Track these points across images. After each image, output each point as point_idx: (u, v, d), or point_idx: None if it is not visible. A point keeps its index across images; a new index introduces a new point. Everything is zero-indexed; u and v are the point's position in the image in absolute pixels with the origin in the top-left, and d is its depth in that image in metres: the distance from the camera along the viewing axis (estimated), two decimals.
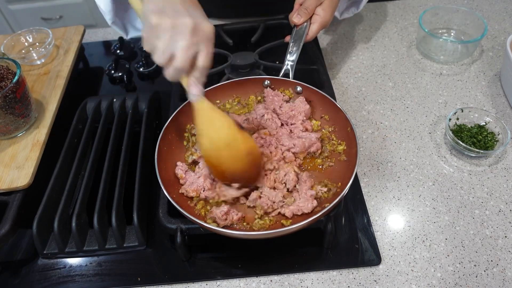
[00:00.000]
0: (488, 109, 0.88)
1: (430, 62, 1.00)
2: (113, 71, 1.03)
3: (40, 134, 0.83)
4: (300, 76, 0.79)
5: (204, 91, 0.60)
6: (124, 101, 0.90)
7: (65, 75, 0.96)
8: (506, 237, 0.68)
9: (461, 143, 0.77)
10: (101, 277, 0.68)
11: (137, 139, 0.81)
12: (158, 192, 0.71)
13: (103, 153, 0.79)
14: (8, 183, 0.75)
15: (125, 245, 0.69)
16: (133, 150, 0.80)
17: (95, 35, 1.18)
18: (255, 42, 1.03)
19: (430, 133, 0.85)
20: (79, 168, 0.78)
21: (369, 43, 1.07)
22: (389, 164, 0.80)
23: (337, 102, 0.74)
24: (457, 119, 0.83)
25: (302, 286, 0.65)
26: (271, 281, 0.66)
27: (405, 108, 0.90)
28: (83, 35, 1.08)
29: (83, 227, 0.70)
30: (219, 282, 0.66)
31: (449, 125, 0.80)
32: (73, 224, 0.68)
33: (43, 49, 0.99)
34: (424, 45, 1.01)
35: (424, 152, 0.82)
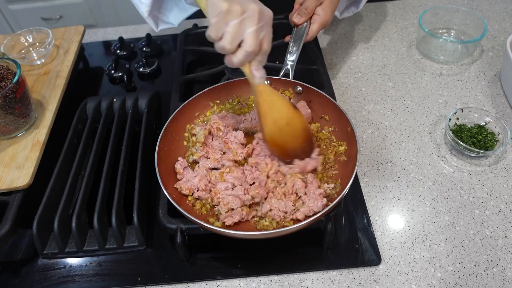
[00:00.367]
0: (488, 109, 0.88)
1: (430, 62, 1.00)
2: (113, 71, 1.03)
3: (40, 134, 0.83)
4: (300, 76, 0.79)
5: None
6: (124, 101, 0.90)
7: (65, 75, 0.96)
8: (506, 237, 0.68)
9: (461, 143, 0.77)
10: (101, 277, 0.68)
11: (137, 139, 0.81)
12: (158, 192, 0.71)
13: (103, 153, 0.79)
14: (8, 183, 0.75)
15: (125, 245, 0.69)
16: (133, 150, 0.80)
17: (95, 35, 1.18)
18: None
19: (430, 133, 0.85)
20: (79, 168, 0.78)
21: (369, 43, 1.07)
22: (389, 164, 0.80)
23: (337, 102, 0.74)
24: (457, 119, 0.83)
25: (302, 286, 0.65)
26: (271, 281, 0.66)
27: (405, 108, 0.90)
28: (83, 35, 1.08)
29: (83, 227, 0.70)
30: (219, 282, 0.66)
31: (449, 125, 0.80)
32: (73, 224, 0.68)
33: (43, 49, 0.99)
34: (424, 45, 1.01)
35: (424, 152, 0.82)
